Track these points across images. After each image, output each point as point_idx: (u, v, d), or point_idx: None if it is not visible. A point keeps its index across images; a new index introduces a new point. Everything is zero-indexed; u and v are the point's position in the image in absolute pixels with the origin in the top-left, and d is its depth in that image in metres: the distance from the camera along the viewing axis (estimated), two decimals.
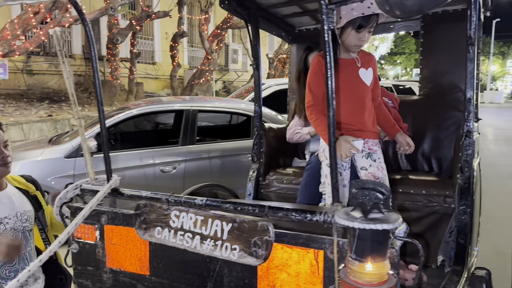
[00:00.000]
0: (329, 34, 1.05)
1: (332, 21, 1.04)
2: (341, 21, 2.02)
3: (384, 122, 2.39)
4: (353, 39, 2.07)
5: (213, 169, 5.03)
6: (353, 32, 2.04)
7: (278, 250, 1.23)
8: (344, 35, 2.08)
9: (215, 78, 14.97)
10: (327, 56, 1.07)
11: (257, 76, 2.87)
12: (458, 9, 2.71)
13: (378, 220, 1.00)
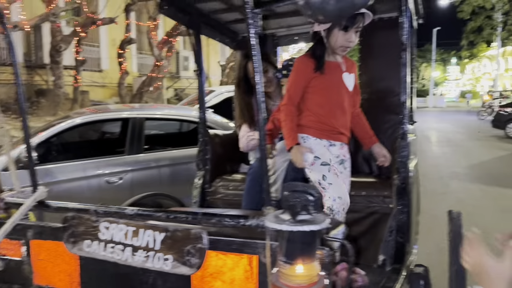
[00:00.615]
0: (256, 38, 1.05)
1: (258, 26, 1.04)
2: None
3: (362, 132, 2.40)
4: (340, 40, 2.07)
5: (162, 178, 4.91)
6: (340, 33, 2.05)
7: (212, 257, 1.21)
8: (332, 37, 2.08)
9: (166, 86, 14.76)
10: (255, 63, 1.07)
11: (200, 82, 2.84)
12: (393, 17, 2.82)
13: (306, 221, 1.00)
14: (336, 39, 2.07)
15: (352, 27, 2.04)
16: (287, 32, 3.37)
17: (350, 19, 2.00)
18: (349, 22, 2.02)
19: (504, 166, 9.46)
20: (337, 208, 2.07)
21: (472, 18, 20.40)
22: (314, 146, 2.16)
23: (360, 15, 2.02)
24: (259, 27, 1.04)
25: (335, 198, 2.07)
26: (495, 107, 19.08)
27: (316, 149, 2.15)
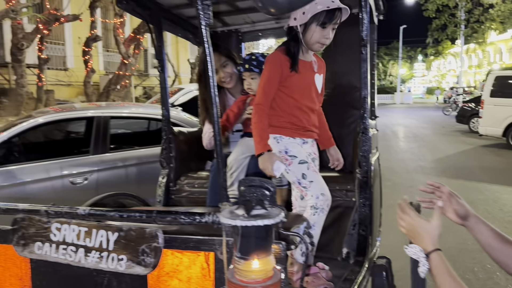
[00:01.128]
0: (207, 30, 1.03)
1: (209, 17, 1.02)
2: (305, 16, 1.93)
3: (321, 131, 2.34)
4: (317, 36, 1.99)
5: (129, 178, 4.82)
6: (318, 29, 1.97)
7: (168, 256, 1.18)
8: (309, 32, 1.99)
9: (134, 84, 14.51)
10: (207, 55, 1.05)
11: (162, 78, 2.79)
12: (354, 13, 2.85)
13: (260, 216, 0.99)
14: (312, 35, 1.99)
15: (330, 23, 1.97)
16: (251, 28, 3.35)
17: (329, 14, 1.94)
18: (327, 18, 1.95)
19: (468, 160, 9.77)
20: (321, 205, 2.03)
21: (436, 16, 20.95)
22: (289, 145, 2.10)
23: (338, 11, 1.96)
24: (210, 19, 1.01)
25: (318, 195, 2.03)
26: (459, 102, 19.69)
27: (291, 148, 2.10)
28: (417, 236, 1.38)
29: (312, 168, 2.08)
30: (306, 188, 2.05)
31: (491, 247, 1.42)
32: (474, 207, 5.42)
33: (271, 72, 2.05)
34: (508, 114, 11.12)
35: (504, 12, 19.25)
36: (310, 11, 1.90)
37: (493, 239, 1.43)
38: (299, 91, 2.09)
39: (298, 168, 2.06)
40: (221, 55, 2.73)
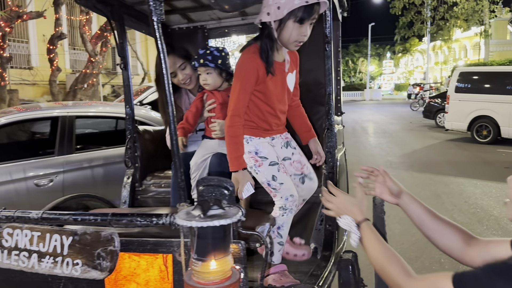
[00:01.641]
0: (159, 26, 1.00)
1: (162, 13, 1.00)
2: (280, 11, 1.76)
3: (301, 125, 2.25)
4: (295, 34, 1.83)
5: (96, 178, 4.71)
6: (295, 26, 1.81)
7: (125, 259, 1.15)
8: (285, 30, 1.82)
9: (102, 82, 14.20)
10: (160, 52, 1.02)
11: (126, 76, 2.72)
12: None
13: (216, 216, 0.97)
14: (290, 33, 1.82)
15: (308, 19, 1.82)
16: (217, 24, 3.32)
17: (307, 10, 1.77)
18: (306, 14, 1.78)
19: (435, 154, 10.03)
20: (290, 206, 2.01)
21: (403, 14, 21.38)
22: (260, 146, 2.03)
23: (316, 5, 1.81)
24: (162, 15, 0.99)
25: (287, 197, 2.00)
26: (426, 98, 20.20)
27: (261, 148, 2.02)
28: (346, 211, 1.52)
29: (282, 169, 2.03)
30: (275, 190, 2.00)
31: (423, 223, 1.51)
32: (440, 200, 5.58)
33: (245, 78, 1.89)
34: (472, 109, 11.48)
35: (468, 10, 19.83)
36: (286, 6, 1.74)
37: (425, 215, 1.52)
38: (273, 97, 1.97)
39: (268, 170, 2.00)
40: (178, 57, 2.67)
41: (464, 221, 5.09)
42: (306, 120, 2.26)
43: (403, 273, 1.23)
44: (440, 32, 23.13)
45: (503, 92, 10.99)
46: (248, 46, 1.94)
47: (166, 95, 1.04)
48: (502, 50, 30.11)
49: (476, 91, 11.56)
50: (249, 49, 1.91)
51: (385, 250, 1.33)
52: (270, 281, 1.95)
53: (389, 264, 1.28)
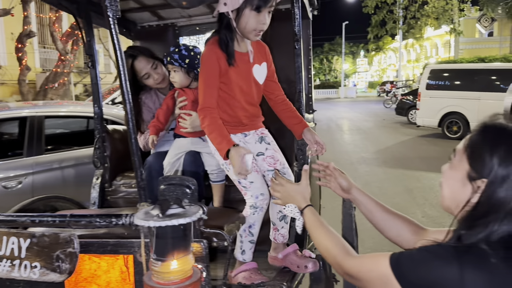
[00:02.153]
0: (115, 23, 0.98)
1: (117, 10, 0.97)
2: (237, 0, 1.74)
3: (290, 118, 2.17)
4: (253, 23, 1.79)
5: (67, 180, 4.61)
6: (253, 14, 1.77)
7: (85, 261, 1.13)
8: (242, 19, 1.78)
9: (73, 81, 13.90)
10: (116, 50, 1.00)
11: (94, 74, 2.67)
12: (289, 8, 2.87)
13: (175, 215, 0.96)
14: (247, 22, 1.79)
15: (265, 7, 1.77)
16: (188, 22, 3.29)
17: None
18: (262, 1, 1.75)
19: (407, 150, 10.24)
20: (260, 204, 1.98)
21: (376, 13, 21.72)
22: None
23: None
24: (118, 11, 0.97)
25: (257, 195, 1.97)
26: (399, 95, 20.57)
27: None
28: (291, 199, 1.60)
29: (253, 168, 1.95)
30: (246, 188, 1.98)
31: (373, 215, 1.59)
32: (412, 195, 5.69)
33: (208, 70, 1.86)
34: (443, 105, 11.77)
35: (438, 8, 20.30)
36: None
37: (374, 208, 1.60)
38: (237, 88, 1.94)
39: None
40: (149, 58, 2.68)
41: (435, 215, 5.21)
42: (295, 113, 2.18)
43: (343, 252, 1.30)
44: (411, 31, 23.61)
45: (472, 88, 11.29)
46: (209, 39, 1.92)
47: (124, 93, 1.02)
48: (471, 48, 30.96)
49: (446, 88, 11.84)
50: (209, 42, 1.89)
51: (327, 232, 1.41)
52: (240, 279, 1.94)
53: (331, 244, 1.35)
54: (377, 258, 1.17)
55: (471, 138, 1.17)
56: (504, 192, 1.06)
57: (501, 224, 1.05)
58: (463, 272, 1.00)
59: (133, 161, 1.07)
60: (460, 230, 1.11)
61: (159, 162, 2.45)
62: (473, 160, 1.13)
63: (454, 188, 1.19)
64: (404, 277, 1.08)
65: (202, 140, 2.45)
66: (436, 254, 1.05)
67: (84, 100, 12.72)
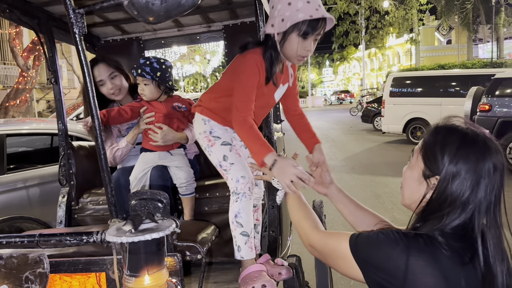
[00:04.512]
0: (82, 39, 0.98)
1: (83, 26, 0.97)
2: (284, 24, 1.68)
3: (304, 132, 2.15)
4: (298, 48, 1.74)
5: (32, 199, 4.45)
6: (299, 39, 1.72)
7: (56, 281, 1.10)
8: (288, 43, 1.74)
9: (36, 98, 13.52)
10: (83, 66, 1.00)
11: (57, 90, 2.61)
12: (254, 21, 2.92)
13: (148, 230, 0.96)
14: (292, 46, 1.74)
15: (312, 34, 1.72)
16: (153, 36, 3.29)
17: (312, 24, 1.69)
18: (310, 28, 1.69)
19: (374, 156, 10.47)
20: (242, 189, 1.86)
21: (339, 24, 22.28)
22: (215, 127, 1.95)
23: (322, 21, 1.72)
24: (84, 27, 0.97)
25: (238, 178, 1.86)
26: (364, 103, 21.07)
27: (216, 129, 1.95)
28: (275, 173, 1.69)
29: (235, 150, 1.93)
30: (226, 171, 1.89)
31: (348, 211, 1.70)
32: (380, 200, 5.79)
33: (250, 78, 1.78)
34: (406, 112, 12.13)
35: (398, 18, 21.04)
36: (290, 19, 1.67)
37: (349, 203, 1.72)
38: (256, 103, 1.85)
39: (220, 150, 1.92)
40: (110, 66, 2.66)
41: (404, 219, 5.33)
42: (309, 127, 2.18)
43: (312, 225, 1.44)
44: (373, 40, 24.33)
45: (434, 95, 11.71)
46: (252, 48, 1.83)
47: (89, 107, 1.02)
48: (431, 55, 32.14)
49: (409, 95, 12.23)
50: (253, 51, 1.81)
51: (303, 207, 1.57)
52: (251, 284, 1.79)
53: (303, 217, 1.51)
54: (340, 236, 1.28)
55: (425, 139, 1.24)
56: (455, 188, 1.13)
57: (452, 217, 1.13)
58: (409, 256, 1.08)
59: (103, 177, 1.05)
60: (416, 223, 1.21)
61: (125, 177, 2.42)
62: (427, 159, 1.21)
63: (411, 186, 1.27)
64: (358, 254, 1.19)
65: (170, 154, 2.44)
66: (387, 236, 1.14)
67: (48, 116, 12.38)
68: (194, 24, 3.20)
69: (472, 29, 24.65)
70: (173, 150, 2.46)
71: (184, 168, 2.46)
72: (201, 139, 1.98)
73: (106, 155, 1.07)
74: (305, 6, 1.67)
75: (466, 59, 24.00)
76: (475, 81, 10.66)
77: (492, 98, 8.43)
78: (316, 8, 1.68)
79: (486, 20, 23.65)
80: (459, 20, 24.52)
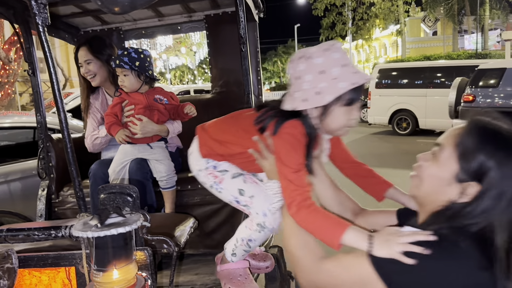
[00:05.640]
0: (45, 30, 0.95)
1: (46, 17, 0.95)
2: (322, 97, 1.36)
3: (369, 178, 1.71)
4: (343, 119, 1.42)
5: (14, 193, 4.39)
6: (344, 110, 1.40)
7: (25, 276, 1.08)
8: (331, 117, 1.41)
9: (19, 91, 13.31)
10: (47, 58, 0.97)
11: (34, 83, 2.57)
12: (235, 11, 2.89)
13: (115, 224, 0.94)
14: (339, 119, 1.43)
15: (358, 100, 1.43)
16: (133, 26, 3.24)
17: (355, 91, 1.38)
18: (355, 95, 1.39)
19: (360, 147, 10.52)
20: (270, 224, 1.61)
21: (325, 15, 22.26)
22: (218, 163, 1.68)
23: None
24: (47, 18, 0.94)
25: (265, 212, 1.60)
26: None
27: (220, 164, 1.68)
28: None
29: (250, 180, 1.67)
30: (247, 206, 1.63)
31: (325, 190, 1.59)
32: None
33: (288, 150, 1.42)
34: (392, 103, 12.21)
35: (384, 10, 21.09)
36: (329, 92, 1.36)
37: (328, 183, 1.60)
38: None
39: (232, 184, 1.65)
40: (89, 52, 2.64)
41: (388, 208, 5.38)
42: (373, 173, 1.73)
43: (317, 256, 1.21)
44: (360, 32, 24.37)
45: (419, 86, 11.81)
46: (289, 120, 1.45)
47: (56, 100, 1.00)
48: (417, 47, 32.33)
49: (395, 86, 12.31)
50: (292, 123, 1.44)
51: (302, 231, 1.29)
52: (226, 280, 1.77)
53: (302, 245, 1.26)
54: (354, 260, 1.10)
55: (463, 137, 1.09)
56: (495, 201, 1.02)
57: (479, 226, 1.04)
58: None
59: (70, 171, 1.04)
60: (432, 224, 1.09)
61: (104, 170, 2.40)
62: (464, 163, 1.07)
63: (435, 185, 1.14)
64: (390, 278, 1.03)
65: (150, 147, 2.41)
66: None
67: (31, 110, 12.19)
68: (175, 14, 3.16)
69: (457, 21, 24.85)
70: (153, 143, 2.43)
71: (164, 161, 2.43)
72: (203, 176, 1.70)
73: (73, 148, 1.05)
74: (343, 73, 1.36)
75: (452, 50, 24.21)
76: (460, 72, 10.75)
77: (476, 89, 8.53)
78: (354, 72, 1.39)
79: (471, 12, 23.85)
80: (444, 11, 24.70)
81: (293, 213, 1.32)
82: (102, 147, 2.67)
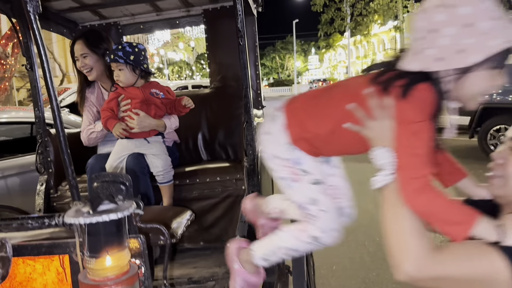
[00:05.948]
0: (36, 19, 0.95)
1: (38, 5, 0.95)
2: (465, 57, 1.11)
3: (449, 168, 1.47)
4: (485, 86, 1.19)
5: (12, 188, 4.40)
6: (491, 74, 1.16)
7: (19, 265, 1.09)
8: (472, 81, 1.16)
9: (16, 86, 13.29)
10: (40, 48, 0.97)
11: (32, 77, 2.57)
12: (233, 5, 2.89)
13: (106, 211, 0.95)
14: (479, 85, 1.18)
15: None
16: (131, 20, 3.24)
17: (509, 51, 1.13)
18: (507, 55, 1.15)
19: None
20: (326, 241, 1.48)
21: (324, 11, 22.23)
22: (303, 159, 1.49)
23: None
24: (38, 6, 0.94)
25: (327, 230, 1.48)
26: None
27: (304, 160, 1.49)
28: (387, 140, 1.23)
29: (328, 192, 1.53)
30: (314, 217, 1.48)
31: None
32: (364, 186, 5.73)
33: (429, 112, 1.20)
34: None
35: (383, 5, 21.04)
36: (475, 50, 1.10)
37: None
38: None
39: (308, 189, 1.49)
40: (85, 46, 2.63)
41: None
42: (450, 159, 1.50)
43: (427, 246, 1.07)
44: (358, 28, 24.34)
45: None
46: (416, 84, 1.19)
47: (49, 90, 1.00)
48: None
49: None
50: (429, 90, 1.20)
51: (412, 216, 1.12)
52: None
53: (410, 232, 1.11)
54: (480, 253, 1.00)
55: None
56: None
57: None
58: None
59: (62, 159, 1.04)
60: None
61: (101, 163, 2.40)
62: None
63: None
64: None
65: (147, 142, 2.42)
66: None
67: (28, 105, 12.19)
68: (173, 8, 3.15)
69: None
70: (150, 137, 2.43)
71: (161, 156, 2.43)
72: (277, 165, 1.51)
73: (66, 137, 1.06)
74: (496, 26, 1.09)
75: None
76: None
77: None
78: (509, 26, 1.11)
79: None
80: None
81: (410, 195, 1.14)
82: (98, 141, 2.67)
